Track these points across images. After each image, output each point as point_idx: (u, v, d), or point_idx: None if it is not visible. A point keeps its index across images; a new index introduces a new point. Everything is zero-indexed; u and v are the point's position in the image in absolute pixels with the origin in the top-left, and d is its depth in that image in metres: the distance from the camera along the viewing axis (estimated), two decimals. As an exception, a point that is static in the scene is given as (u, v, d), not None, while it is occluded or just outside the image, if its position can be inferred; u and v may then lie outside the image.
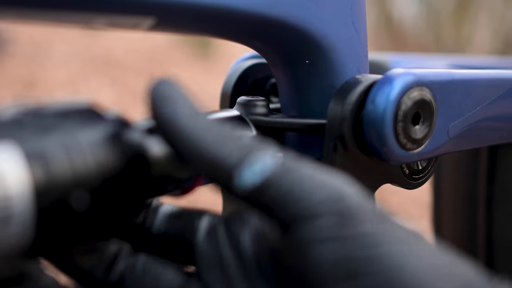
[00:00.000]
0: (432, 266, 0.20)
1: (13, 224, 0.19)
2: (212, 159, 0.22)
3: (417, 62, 0.55)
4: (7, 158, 0.19)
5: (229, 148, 0.22)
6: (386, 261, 0.20)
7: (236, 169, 0.21)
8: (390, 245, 0.20)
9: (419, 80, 0.32)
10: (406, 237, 0.21)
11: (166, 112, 0.23)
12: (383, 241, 0.20)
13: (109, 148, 0.22)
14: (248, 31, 0.32)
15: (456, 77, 0.35)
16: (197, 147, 0.22)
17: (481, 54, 2.59)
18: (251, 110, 0.34)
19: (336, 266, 0.20)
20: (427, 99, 0.32)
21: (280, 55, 0.34)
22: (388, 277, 0.19)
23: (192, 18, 0.29)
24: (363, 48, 0.35)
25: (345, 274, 0.20)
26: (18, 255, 0.20)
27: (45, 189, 0.20)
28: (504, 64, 0.64)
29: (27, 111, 0.22)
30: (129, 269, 0.24)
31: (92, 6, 0.25)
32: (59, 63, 2.74)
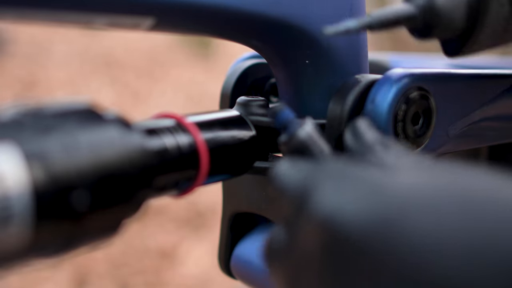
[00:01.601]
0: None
1: (13, 224, 0.19)
2: None
3: (417, 62, 0.55)
4: (7, 158, 0.19)
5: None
6: None
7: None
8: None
9: (419, 80, 0.32)
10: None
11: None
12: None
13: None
14: (248, 31, 0.32)
15: (456, 77, 0.35)
16: None
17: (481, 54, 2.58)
18: (251, 110, 0.34)
19: None
20: (427, 99, 0.32)
21: (280, 55, 0.34)
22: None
23: (192, 18, 0.29)
24: (363, 48, 0.35)
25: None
26: (18, 255, 0.21)
27: (45, 189, 0.20)
28: (504, 64, 0.64)
29: (27, 112, 0.22)
30: None
31: (92, 6, 0.25)
32: (59, 63, 2.74)
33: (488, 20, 0.29)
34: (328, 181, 0.23)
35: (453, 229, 0.19)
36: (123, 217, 0.24)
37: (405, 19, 0.28)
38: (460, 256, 0.18)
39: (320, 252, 0.21)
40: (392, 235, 0.19)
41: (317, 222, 0.22)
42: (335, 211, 0.21)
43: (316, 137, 0.28)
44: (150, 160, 0.25)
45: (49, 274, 1.40)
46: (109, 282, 1.42)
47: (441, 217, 0.19)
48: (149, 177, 0.25)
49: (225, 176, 0.32)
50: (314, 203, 0.22)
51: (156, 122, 0.28)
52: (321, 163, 0.25)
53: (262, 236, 0.40)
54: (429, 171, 0.22)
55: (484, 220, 0.19)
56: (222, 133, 0.31)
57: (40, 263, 0.23)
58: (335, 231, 0.21)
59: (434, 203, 0.20)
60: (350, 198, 0.21)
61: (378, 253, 0.20)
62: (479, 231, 0.19)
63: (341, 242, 0.21)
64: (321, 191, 0.23)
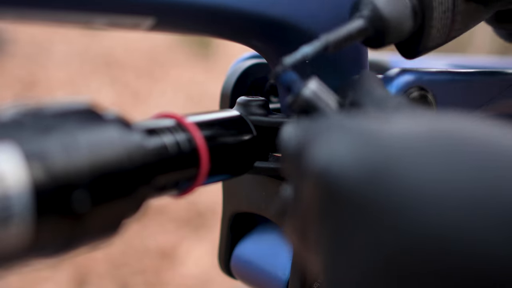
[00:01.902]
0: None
1: (13, 224, 0.19)
2: None
3: (417, 62, 0.55)
4: (7, 158, 0.19)
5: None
6: None
7: None
8: None
9: (419, 80, 0.32)
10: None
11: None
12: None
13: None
14: (248, 31, 0.32)
15: (456, 77, 0.35)
16: None
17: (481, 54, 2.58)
18: (251, 110, 0.34)
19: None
20: (427, 99, 0.32)
21: (280, 55, 0.34)
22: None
23: (192, 18, 0.29)
24: (363, 48, 0.35)
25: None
26: (18, 255, 0.21)
27: (45, 189, 0.20)
28: (504, 64, 0.64)
29: (27, 112, 0.22)
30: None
31: (92, 6, 0.25)
32: (59, 63, 2.74)
33: (434, 16, 0.31)
34: (324, 134, 0.23)
35: (451, 179, 0.18)
36: (123, 217, 0.24)
37: (358, 33, 0.30)
38: (460, 206, 0.18)
39: (319, 205, 0.21)
40: (384, 185, 0.19)
41: (313, 175, 0.22)
42: (329, 163, 0.21)
43: (322, 94, 0.28)
44: (150, 160, 0.25)
45: (49, 274, 1.40)
46: (109, 282, 1.42)
47: (437, 166, 0.19)
48: (149, 177, 0.25)
49: (225, 176, 0.32)
50: (309, 157, 0.22)
51: (156, 122, 0.28)
52: (320, 118, 0.25)
53: (262, 236, 0.40)
54: (430, 120, 0.22)
55: (484, 168, 0.19)
56: (222, 133, 0.31)
57: (40, 263, 0.23)
58: (329, 184, 0.21)
59: (431, 151, 0.19)
60: (344, 149, 0.21)
61: (372, 204, 0.19)
62: (480, 180, 0.18)
63: (335, 194, 0.20)
64: (317, 144, 0.22)
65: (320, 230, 0.21)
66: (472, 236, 0.17)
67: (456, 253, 0.18)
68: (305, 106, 0.27)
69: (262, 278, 0.38)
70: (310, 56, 0.29)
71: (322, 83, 0.28)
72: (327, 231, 0.21)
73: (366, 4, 0.30)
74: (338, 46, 0.29)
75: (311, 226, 0.22)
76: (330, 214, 0.21)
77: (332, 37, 0.29)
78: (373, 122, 0.22)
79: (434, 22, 0.31)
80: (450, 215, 0.18)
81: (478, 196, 0.18)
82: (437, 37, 0.32)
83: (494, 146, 0.20)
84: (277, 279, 0.36)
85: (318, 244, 0.22)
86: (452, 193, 0.18)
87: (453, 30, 0.32)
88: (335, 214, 0.21)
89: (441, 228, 0.18)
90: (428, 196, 0.18)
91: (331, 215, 0.21)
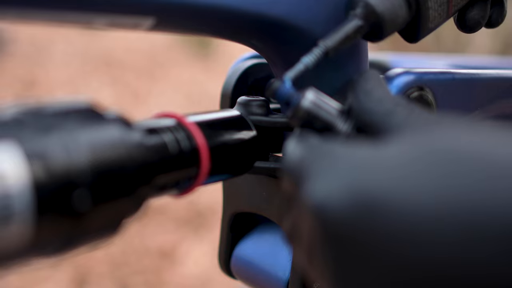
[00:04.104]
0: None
1: (13, 223, 0.19)
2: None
3: (417, 62, 0.55)
4: (8, 157, 0.20)
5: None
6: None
7: None
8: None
9: (419, 80, 0.32)
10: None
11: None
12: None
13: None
14: (248, 31, 0.32)
15: (456, 77, 0.35)
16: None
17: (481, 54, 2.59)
18: (251, 110, 0.34)
19: None
20: (427, 99, 0.32)
21: (280, 55, 0.34)
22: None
23: (192, 18, 0.29)
24: (363, 48, 0.35)
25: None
26: (19, 254, 0.21)
27: (46, 188, 0.20)
28: (504, 64, 0.64)
29: (27, 111, 0.22)
30: None
31: (92, 6, 0.25)
32: (59, 63, 2.74)
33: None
34: (317, 166, 0.23)
35: (442, 211, 0.18)
36: (124, 217, 0.24)
37: (355, 32, 0.30)
38: (454, 235, 0.18)
39: (317, 240, 0.22)
40: (374, 223, 0.19)
41: (310, 212, 0.22)
42: (323, 200, 0.21)
43: (321, 103, 0.27)
44: (151, 159, 0.25)
45: (49, 274, 1.40)
46: (109, 282, 1.42)
47: (430, 199, 0.19)
48: (150, 176, 0.25)
49: (226, 176, 0.32)
50: (305, 191, 0.23)
51: (156, 122, 0.28)
52: (317, 142, 0.25)
53: (262, 236, 0.40)
54: (424, 141, 0.21)
55: (475, 188, 0.18)
56: (222, 132, 0.31)
57: (40, 262, 0.23)
58: (325, 222, 0.21)
59: (424, 183, 0.19)
60: (336, 184, 0.21)
61: (367, 242, 0.19)
62: (472, 203, 0.18)
63: (331, 233, 0.21)
64: (311, 179, 0.22)
65: (323, 262, 0.22)
66: (470, 270, 0.17)
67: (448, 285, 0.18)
68: (306, 118, 0.27)
69: (262, 278, 0.38)
70: (312, 65, 0.29)
71: (320, 91, 0.28)
72: (329, 265, 0.21)
73: (358, 1, 0.30)
74: (338, 49, 0.30)
75: (315, 254, 0.22)
76: (329, 250, 0.21)
77: (330, 42, 0.29)
78: (365, 150, 0.22)
79: (429, 3, 0.31)
80: (441, 250, 0.18)
81: (472, 227, 0.18)
82: (437, 17, 0.32)
83: (493, 169, 0.19)
84: (277, 279, 0.36)
85: (323, 273, 0.22)
86: (440, 227, 0.18)
87: (452, 6, 0.32)
88: (333, 250, 0.21)
89: (433, 263, 0.18)
90: (416, 234, 0.18)
91: (330, 251, 0.21)
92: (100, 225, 0.23)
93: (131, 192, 0.24)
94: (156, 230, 1.65)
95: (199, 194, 1.64)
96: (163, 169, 0.26)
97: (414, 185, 0.19)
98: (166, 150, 0.27)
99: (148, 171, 0.25)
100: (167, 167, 0.27)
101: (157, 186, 0.26)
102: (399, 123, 0.24)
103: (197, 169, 0.28)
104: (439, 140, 0.21)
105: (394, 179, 0.20)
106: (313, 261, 0.23)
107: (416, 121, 0.23)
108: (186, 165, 0.28)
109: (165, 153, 0.27)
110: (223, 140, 0.30)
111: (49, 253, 0.22)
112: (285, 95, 0.28)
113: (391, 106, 0.25)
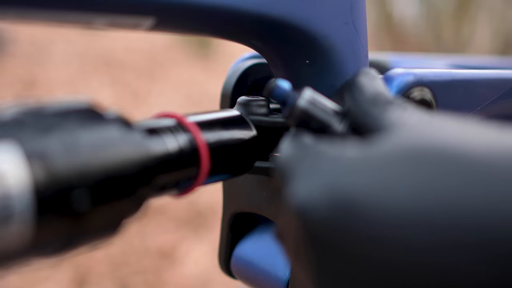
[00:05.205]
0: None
1: (13, 223, 0.19)
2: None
3: (417, 62, 0.55)
4: (8, 157, 0.20)
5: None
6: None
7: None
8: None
9: (419, 80, 0.32)
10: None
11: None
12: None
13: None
14: (248, 31, 0.32)
15: (456, 77, 0.35)
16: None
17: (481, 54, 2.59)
18: (251, 110, 0.34)
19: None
20: (427, 99, 0.32)
21: (280, 55, 0.34)
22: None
23: (192, 18, 0.29)
24: (363, 48, 0.35)
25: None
26: (19, 254, 0.21)
27: (46, 189, 0.20)
28: (504, 64, 0.64)
29: (27, 111, 0.22)
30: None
31: (92, 6, 0.25)
32: (59, 63, 2.74)
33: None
34: (303, 166, 0.23)
35: (416, 213, 0.18)
36: (124, 217, 0.24)
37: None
38: (430, 240, 0.18)
39: (301, 240, 0.22)
40: (351, 226, 0.19)
41: (293, 212, 0.22)
42: (303, 201, 0.21)
43: (318, 103, 0.27)
44: (151, 159, 0.25)
45: (49, 274, 1.40)
46: (109, 282, 1.42)
47: (407, 203, 0.18)
48: (150, 176, 0.25)
49: (226, 176, 0.32)
50: (289, 191, 0.23)
51: (156, 122, 0.28)
52: (310, 142, 0.25)
53: (262, 236, 0.40)
54: (410, 141, 0.21)
55: (454, 193, 0.18)
56: (222, 132, 0.31)
57: (40, 262, 0.23)
58: (306, 223, 0.21)
59: (404, 185, 0.19)
60: (317, 185, 0.21)
61: (344, 244, 0.20)
62: (450, 207, 0.18)
63: (312, 234, 0.21)
64: (295, 177, 0.23)
65: (306, 261, 0.22)
66: (448, 277, 0.17)
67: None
68: (303, 117, 0.27)
69: (262, 278, 0.38)
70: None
71: (316, 91, 0.28)
72: (311, 264, 0.22)
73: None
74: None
75: (299, 254, 0.23)
76: (310, 251, 0.21)
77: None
78: (351, 151, 0.22)
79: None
80: (416, 255, 0.18)
81: (450, 233, 0.17)
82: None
83: (476, 172, 0.18)
84: (277, 279, 0.36)
85: (307, 272, 0.22)
86: (420, 231, 0.18)
87: None
88: (314, 251, 0.21)
89: (408, 269, 0.18)
90: (391, 239, 0.18)
91: (311, 252, 0.21)
92: (100, 225, 0.23)
93: (132, 192, 0.24)
94: (156, 230, 1.65)
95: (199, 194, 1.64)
96: (163, 169, 0.26)
97: (392, 188, 0.19)
98: (166, 150, 0.27)
99: (148, 171, 0.25)
100: (167, 167, 0.27)
101: (157, 186, 0.26)
102: (389, 124, 0.24)
103: (197, 169, 0.28)
104: (424, 141, 0.21)
105: (374, 182, 0.20)
106: (299, 260, 0.23)
107: (406, 122, 0.23)
108: (186, 165, 0.28)
109: (165, 153, 0.27)
110: (223, 140, 0.30)
111: (49, 253, 0.22)
112: (281, 95, 0.28)
113: (384, 107, 0.25)
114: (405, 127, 0.23)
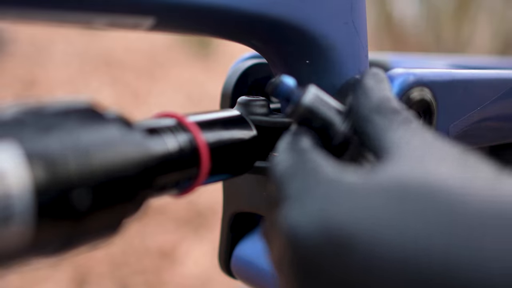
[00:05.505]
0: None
1: (13, 223, 0.19)
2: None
3: (417, 62, 0.55)
4: (8, 157, 0.20)
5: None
6: None
7: None
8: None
9: (419, 80, 0.32)
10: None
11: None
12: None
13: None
14: (248, 31, 0.32)
15: (456, 77, 0.35)
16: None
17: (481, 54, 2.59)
18: (252, 110, 0.34)
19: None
20: (427, 99, 0.32)
21: (280, 55, 0.34)
22: None
23: (192, 18, 0.29)
24: (363, 48, 0.35)
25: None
26: (19, 254, 0.21)
27: (46, 188, 0.20)
28: (504, 64, 0.64)
29: (28, 110, 0.22)
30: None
31: (92, 6, 0.25)
32: (59, 63, 2.74)
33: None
34: (298, 187, 0.23)
35: (402, 251, 0.18)
36: (124, 217, 0.24)
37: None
38: (414, 278, 0.18)
39: (287, 259, 0.22)
40: (339, 258, 0.19)
41: (283, 233, 0.22)
42: (294, 226, 0.21)
43: (322, 101, 0.27)
44: (151, 159, 0.25)
45: (49, 274, 1.40)
46: (109, 282, 1.42)
47: (400, 237, 0.18)
48: (150, 176, 0.25)
49: (226, 176, 0.32)
50: (280, 211, 0.22)
51: (157, 122, 0.28)
52: (308, 148, 0.25)
53: (262, 236, 0.40)
54: (406, 173, 0.21)
55: (438, 234, 0.18)
56: (223, 132, 0.31)
57: (40, 262, 0.23)
58: (293, 247, 0.21)
59: (398, 222, 0.19)
60: (309, 212, 0.21)
61: (330, 275, 0.19)
62: (434, 248, 0.18)
63: (298, 258, 0.21)
64: (289, 199, 0.22)
65: (288, 279, 0.22)
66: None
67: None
68: (306, 115, 0.27)
69: (262, 278, 0.38)
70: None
71: (321, 89, 0.28)
72: (293, 284, 0.21)
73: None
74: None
75: (282, 268, 0.22)
76: (294, 273, 0.21)
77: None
78: (348, 177, 0.22)
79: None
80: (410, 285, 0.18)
81: (429, 274, 0.18)
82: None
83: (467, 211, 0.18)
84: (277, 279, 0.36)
85: (287, 285, 0.22)
86: (405, 268, 0.18)
87: None
88: (298, 274, 0.21)
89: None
90: (376, 274, 0.18)
91: (295, 274, 0.21)
92: (100, 225, 0.23)
93: (132, 192, 0.24)
94: (156, 230, 1.65)
95: (199, 194, 1.65)
96: (163, 169, 0.26)
97: (383, 224, 0.19)
98: (166, 150, 0.27)
99: (149, 171, 0.25)
100: (168, 167, 0.27)
101: (157, 186, 0.26)
102: (390, 144, 0.23)
103: (197, 169, 0.28)
104: (420, 176, 0.20)
105: (366, 216, 0.20)
106: (281, 272, 0.23)
107: (408, 145, 0.23)
108: (186, 165, 0.28)
109: (166, 153, 0.27)
110: (223, 140, 0.30)
111: (49, 253, 0.22)
112: (286, 91, 0.27)
113: (388, 116, 0.25)
114: (406, 156, 0.22)
